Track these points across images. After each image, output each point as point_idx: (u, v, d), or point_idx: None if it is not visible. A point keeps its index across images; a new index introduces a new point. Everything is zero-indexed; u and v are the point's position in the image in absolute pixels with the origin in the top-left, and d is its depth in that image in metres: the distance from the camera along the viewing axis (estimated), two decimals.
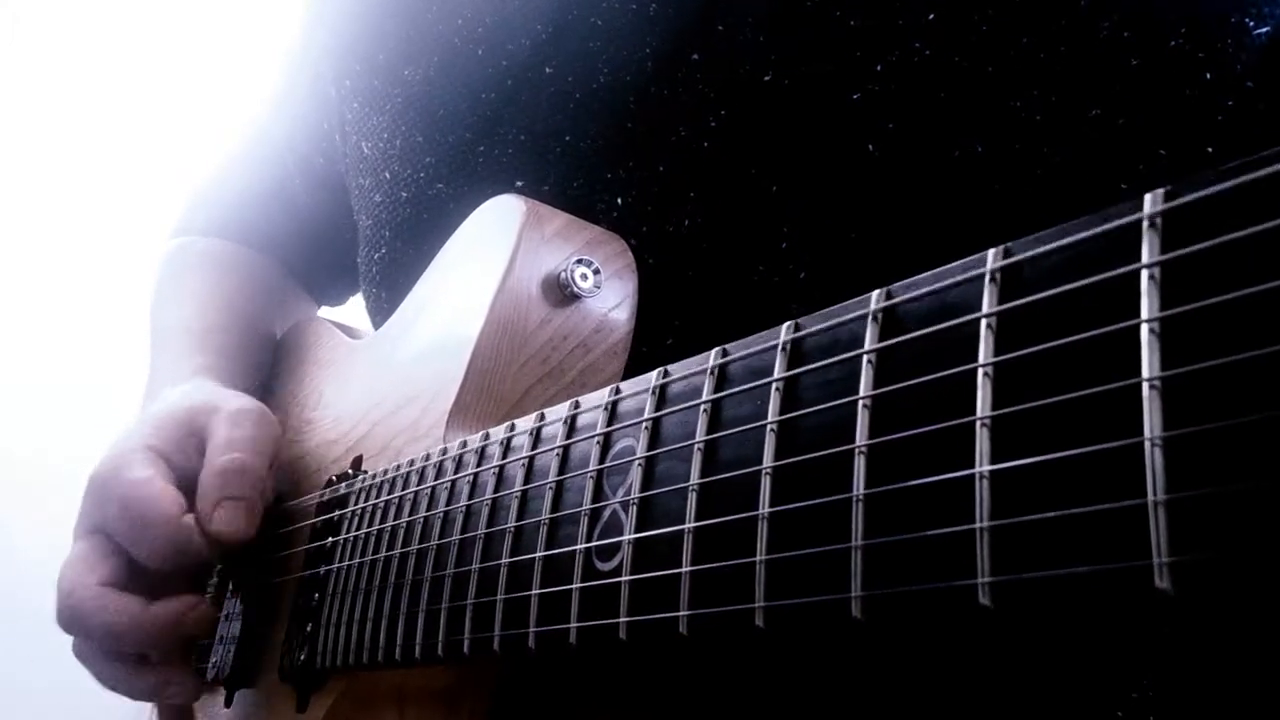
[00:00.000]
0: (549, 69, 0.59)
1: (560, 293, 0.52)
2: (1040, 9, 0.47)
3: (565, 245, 0.53)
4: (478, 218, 0.57)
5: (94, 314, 1.87)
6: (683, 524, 0.30)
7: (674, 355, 0.54)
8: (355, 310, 0.84)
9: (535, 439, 0.41)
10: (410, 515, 0.47)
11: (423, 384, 0.56)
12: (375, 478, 0.54)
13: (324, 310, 0.93)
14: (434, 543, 0.44)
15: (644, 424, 0.34)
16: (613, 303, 0.53)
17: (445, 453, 0.47)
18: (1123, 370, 0.20)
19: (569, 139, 0.57)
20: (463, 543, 0.42)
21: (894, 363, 0.26)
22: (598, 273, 0.52)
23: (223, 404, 0.63)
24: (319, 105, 0.77)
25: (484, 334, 0.51)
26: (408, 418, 0.56)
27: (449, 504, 0.44)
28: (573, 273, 0.52)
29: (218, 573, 0.71)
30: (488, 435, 0.44)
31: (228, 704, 0.65)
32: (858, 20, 0.50)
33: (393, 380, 0.60)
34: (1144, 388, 0.20)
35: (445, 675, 0.49)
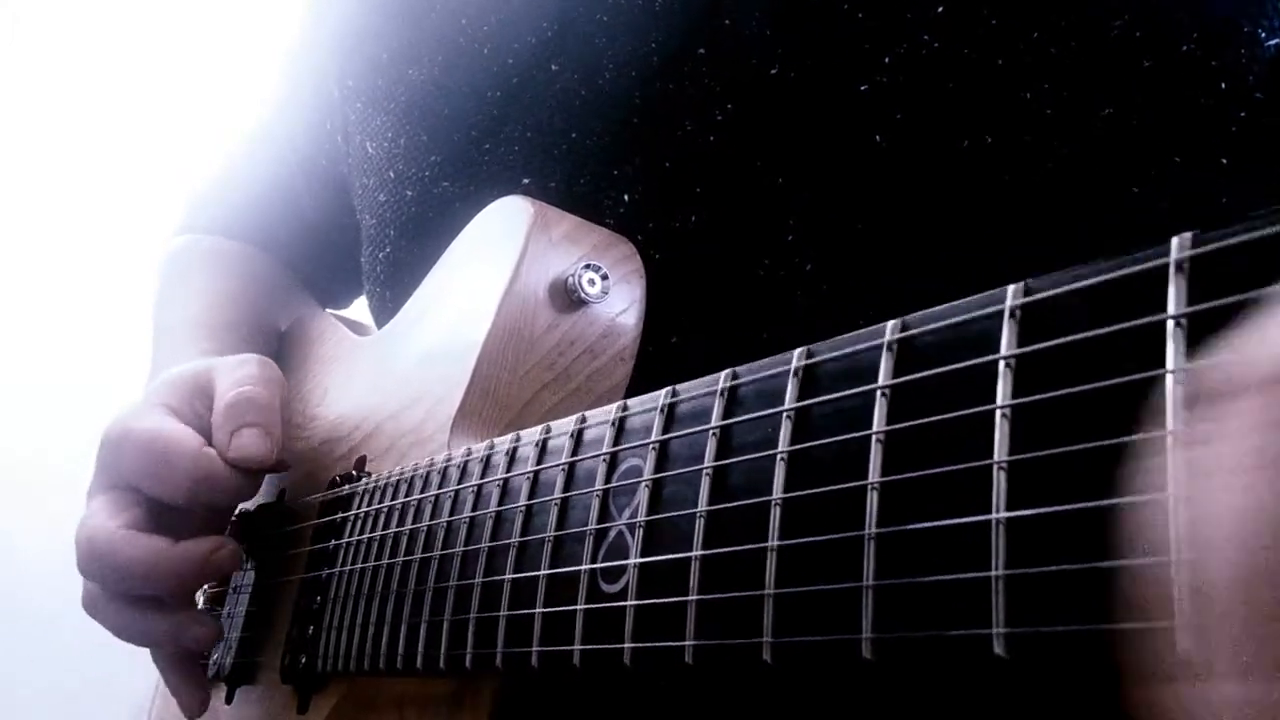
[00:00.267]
0: (554, 66, 0.58)
1: (567, 297, 0.52)
2: (1050, 4, 0.47)
3: (573, 249, 0.52)
4: (484, 218, 0.56)
5: (94, 314, 1.86)
6: (690, 551, 0.30)
7: (679, 352, 0.54)
8: (359, 308, 0.84)
9: (541, 452, 0.40)
10: (414, 522, 0.47)
11: (428, 386, 0.55)
12: (379, 480, 0.53)
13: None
14: (438, 552, 0.44)
15: (651, 445, 0.33)
16: (620, 308, 0.52)
17: (450, 460, 0.47)
18: (1146, 420, 0.20)
19: (575, 136, 0.57)
20: (466, 555, 0.42)
21: (909, 397, 0.25)
22: (605, 278, 0.52)
23: (225, 359, 0.63)
24: (321, 105, 0.77)
25: (490, 338, 0.51)
26: (412, 420, 0.55)
27: (453, 513, 0.44)
28: (580, 277, 0.51)
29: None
30: (493, 445, 0.44)
31: (228, 701, 0.65)
32: (865, 13, 0.49)
33: (397, 381, 0.60)
34: (1169, 440, 0.20)
35: (447, 681, 0.48)
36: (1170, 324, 0.20)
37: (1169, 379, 0.20)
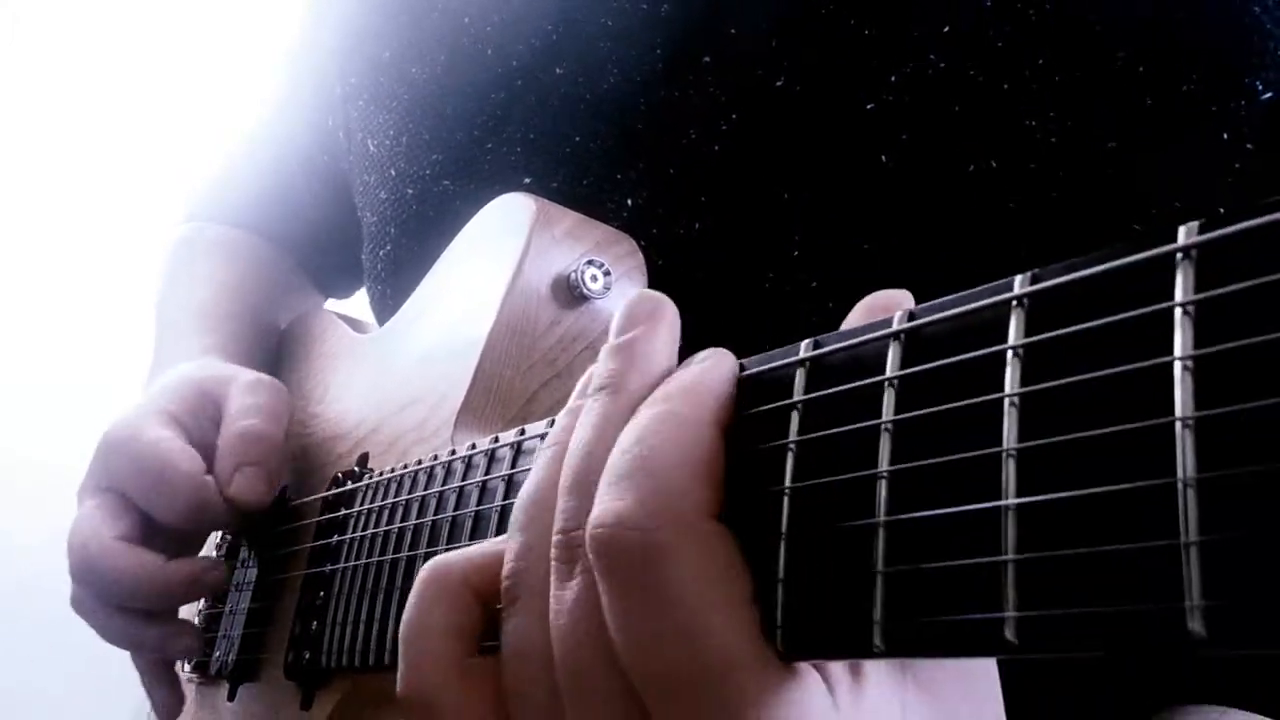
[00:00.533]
0: (558, 69, 0.58)
1: (570, 294, 0.52)
2: (1055, 30, 0.47)
3: (575, 245, 0.52)
4: (486, 215, 0.56)
5: (94, 314, 1.86)
6: None
7: (680, 357, 0.54)
8: (360, 304, 0.84)
9: None
10: (418, 518, 0.47)
11: (430, 384, 0.55)
12: (382, 477, 0.53)
13: (329, 303, 0.93)
14: (442, 547, 0.44)
15: None
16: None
17: (454, 454, 0.47)
18: (1156, 407, 0.20)
19: (578, 139, 0.57)
20: None
21: (917, 387, 0.25)
22: (608, 274, 0.52)
23: (237, 374, 0.64)
24: (323, 103, 0.77)
25: (492, 335, 0.51)
26: (415, 417, 0.56)
27: (457, 508, 0.44)
28: (583, 273, 0.51)
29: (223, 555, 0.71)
30: (496, 439, 0.44)
31: (231, 698, 0.65)
32: (871, 29, 0.49)
33: (399, 378, 0.60)
34: (1177, 426, 0.20)
35: None
36: (1178, 311, 0.20)
37: (1177, 366, 0.20)
